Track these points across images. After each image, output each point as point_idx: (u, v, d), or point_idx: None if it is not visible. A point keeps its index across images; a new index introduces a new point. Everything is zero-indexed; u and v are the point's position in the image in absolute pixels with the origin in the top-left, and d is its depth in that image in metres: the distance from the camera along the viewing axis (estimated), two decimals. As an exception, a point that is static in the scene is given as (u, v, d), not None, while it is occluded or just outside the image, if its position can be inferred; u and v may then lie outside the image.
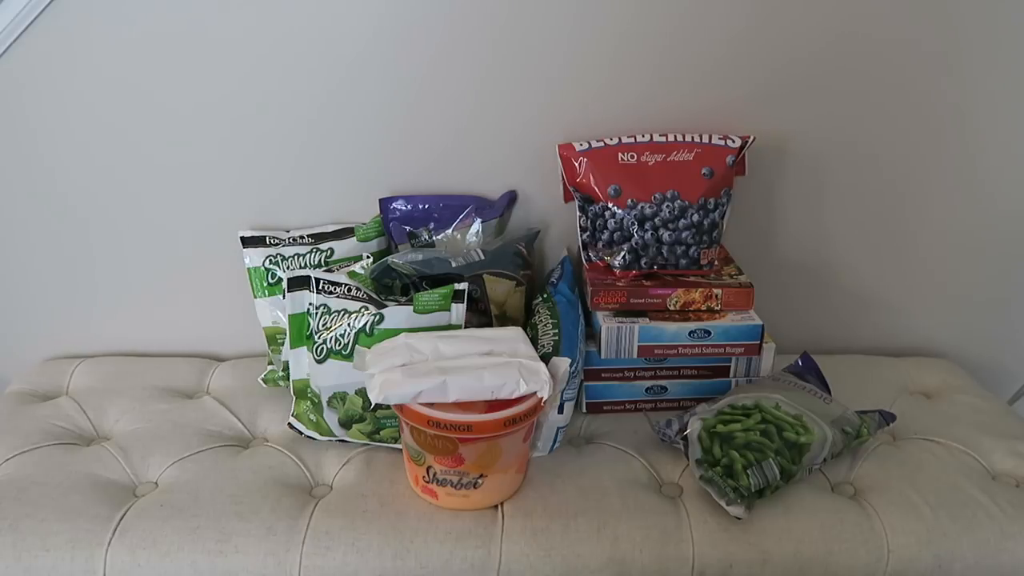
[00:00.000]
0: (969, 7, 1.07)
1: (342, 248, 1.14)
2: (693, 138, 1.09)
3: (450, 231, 1.15)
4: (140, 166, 1.14)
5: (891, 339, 1.30)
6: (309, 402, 1.01)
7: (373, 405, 0.96)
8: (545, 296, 1.07)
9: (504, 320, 1.08)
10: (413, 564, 0.86)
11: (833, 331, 1.29)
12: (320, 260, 1.13)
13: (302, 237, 1.15)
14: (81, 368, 1.20)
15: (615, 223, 1.08)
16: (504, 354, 0.90)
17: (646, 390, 1.08)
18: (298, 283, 1.00)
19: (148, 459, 1.00)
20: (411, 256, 1.06)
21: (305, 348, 1.01)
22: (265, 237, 1.14)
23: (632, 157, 1.08)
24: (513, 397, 0.86)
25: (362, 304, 0.97)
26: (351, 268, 1.06)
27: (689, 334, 1.04)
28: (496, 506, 0.91)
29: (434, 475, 0.89)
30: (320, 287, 0.99)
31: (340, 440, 1.01)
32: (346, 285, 0.99)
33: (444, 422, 0.84)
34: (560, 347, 0.96)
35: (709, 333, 1.04)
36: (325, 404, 0.98)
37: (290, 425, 1.03)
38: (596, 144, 1.09)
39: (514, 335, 0.94)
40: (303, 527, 0.88)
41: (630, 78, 1.11)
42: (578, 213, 1.10)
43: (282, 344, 1.11)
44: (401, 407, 0.86)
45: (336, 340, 0.97)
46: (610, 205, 1.07)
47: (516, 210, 1.20)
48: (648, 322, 1.04)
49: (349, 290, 0.99)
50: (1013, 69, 1.11)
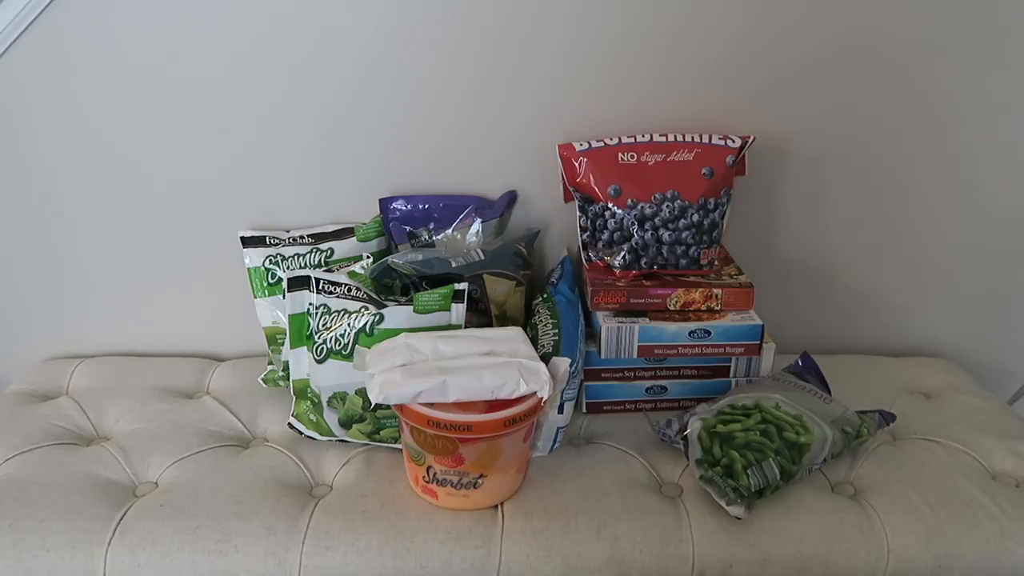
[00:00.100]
0: (970, 5, 1.07)
1: (342, 248, 1.14)
2: (693, 138, 1.09)
3: (450, 231, 1.15)
4: (139, 166, 1.14)
5: (891, 339, 1.30)
6: (309, 402, 1.01)
7: (373, 405, 0.96)
8: (545, 296, 1.07)
9: (504, 320, 1.08)
10: (413, 564, 0.86)
11: (833, 331, 1.29)
12: (320, 260, 1.13)
13: (302, 237, 1.15)
14: (81, 368, 1.20)
15: (615, 223, 1.08)
16: (504, 354, 0.90)
17: (646, 390, 1.08)
18: (298, 283, 1.00)
19: (148, 459, 1.00)
20: (411, 256, 1.06)
21: (305, 348, 1.01)
22: (265, 237, 1.14)
23: (632, 157, 1.08)
24: (513, 397, 0.86)
25: (362, 304, 0.97)
26: (351, 268, 1.06)
27: (689, 334, 1.04)
28: (496, 506, 0.91)
29: (434, 475, 0.89)
30: (320, 287, 0.99)
31: (340, 440, 1.01)
32: (346, 285, 0.99)
33: (444, 422, 0.84)
34: (560, 347, 0.96)
35: (709, 333, 1.04)
36: (325, 404, 0.98)
37: (290, 425, 1.03)
38: (596, 144, 1.09)
39: (514, 335, 0.94)
40: (303, 527, 0.88)
41: (631, 78, 1.11)
42: (578, 213, 1.10)
43: (282, 344, 1.11)
44: (401, 407, 0.86)
45: (336, 340, 0.97)
46: (610, 205, 1.07)
47: (516, 210, 1.20)
48: (648, 322, 1.04)
49: (349, 290, 0.99)
50: (1015, 68, 1.11)
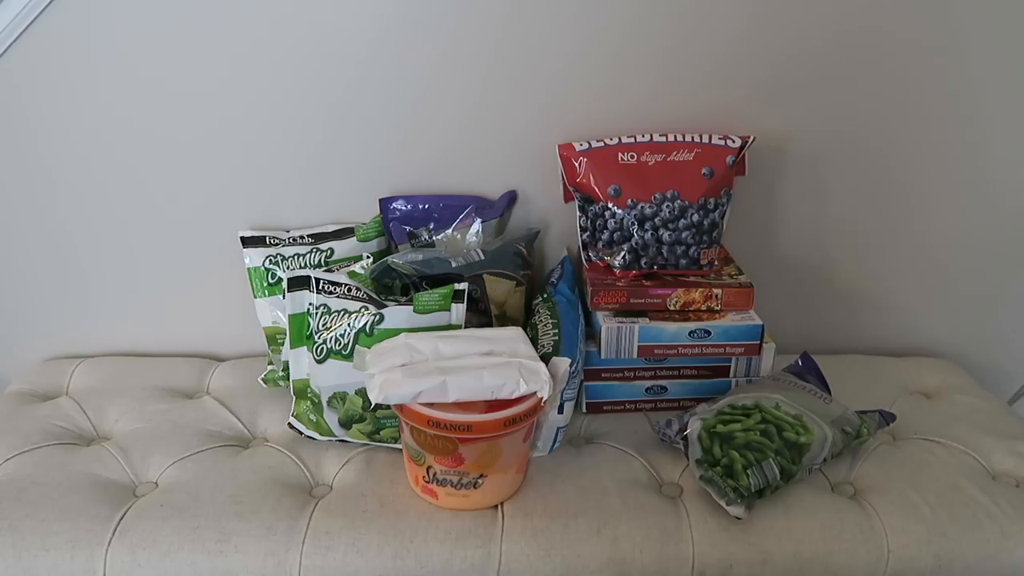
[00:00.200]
0: (971, 2, 1.07)
1: (342, 248, 1.14)
2: (693, 138, 1.09)
3: (450, 231, 1.15)
4: (139, 166, 1.14)
5: (891, 339, 1.30)
6: (309, 402, 1.01)
7: (373, 405, 0.96)
8: (545, 296, 1.07)
9: (504, 320, 1.08)
10: (413, 564, 0.86)
11: (833, 331, 1.29)
12: (320, 260, 1.13)
13: (302, 237, 1.15)
14: (81, 368, 1.20)
15: (615, 223, 1.08)
16: (504, 354, 0.90)
17: (646, 390, 1.08)
18: (298, 283, 1.00)
19: (148, 459, 1.00)
20: (411, 256, 1.06)
21: (305, 348, 1.01)
22: (265, 237, 1.14)
23: (632, 157, 1.08)
24: (513, 397, 0.86)
25: (362, 304, 0.97)
26: (351, 268, 1.06)
27: (689, 334, 1.04)
28: (496, 506, 0.91)
29: (434, 475, 0.89)
30: (320, 287, 0.99)
31: (340, 440, 1.01)
32: (346, 285, 0.99)
33: (444, 422, 0.84)
34: (560, 347, 0.96)
35: (709, 333, 1.04)
36: (325, 404, 0.98)
37: (290, 425, 1.03)
38: (596, 144, 1.09)
39: (514, 335, 0.94)
40: (303, 527, 0.88)
41: (631, 78, 1.11)
42: (578, 213, 1.10)
43: (282, 344, 1.11)
44: (401, 407, 0.86)
45: (336, 340, 0.97)
46: (610, 205, 1.07)
47: (516, 210, 1.20)
48: (648, 322, 1.04)
49: (349, 290, 0.99)
50: (1016, 66, 1.11)
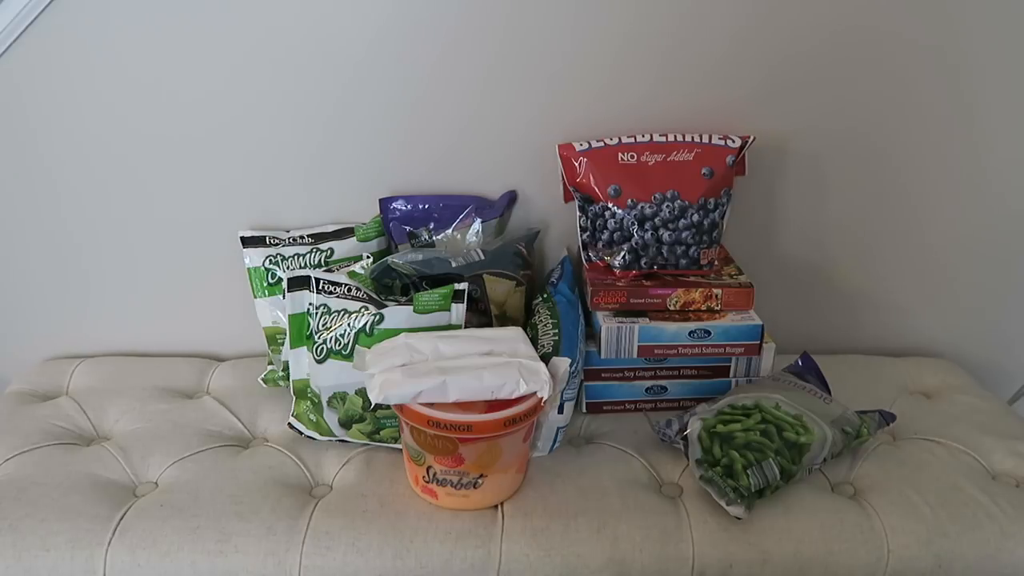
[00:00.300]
0: (972, 3, 1.07)
1: (342, 248, 1.14)
2: (693, 138, 1.09)
3: (450, 231, 1.15)
4: (139, 166, 1.14)
5: (891, 339, 1.30)
6: (309, 402, 1.01)
7: (373, 405, 0.96)
8: (545, 296, 1.07)
9: (504, 320, 1.08)
10: (413, 564, 0.86)
11: (833, 331, 1.29)
12: (320, 260, 1.13)
13: (302, 237, 1.15)
14: (81, 368, 1.20)
15: (615, 223, 1.08)
16: (504, 354, 0.90)
17: (646, 390, 1.08)
18: (298, 283, 1.00)
19: (148, 459, 1.00)
20: (411, 256, 1.06)
21: (305, 348, 1.01)
22: (265, 237, 1.14)
23: (632, 157, 1.08)
24: (513, 397, 0.86)
25: (362, 304, 0.97)
26: (351, 268, 1.06)
27: (689, 334, 1.04)
28: (496, 506, 0.91)
29: (434, 475, 0.89)
30: (320, 287, 0.99)
31: (340, 440, 1.01)
32: (346, 285, 0.99)
33: (444, 422, 0.84)
34: (560, 347, 0.96)
35: (709, 333, 1.04)
36: (325, 404, 0.98)
37: (290, 425, 1.03)
38: (596, 144, 1.09)
39: (514, 335, 0.94)
40: (303, 527, 0.88)
41: (630, 78, 1.11)
42: (578, 213, 1.10)
43: (282, 344, 1.11)
44: (401, 407, 0.86)
45: (336, 340, 0.97)
46: (610, 205, 1.07)
47: (516, 210, 1.20)
48: (648, 322, 1.04)
49: (349, 290, 0.99)
50: (1017, 65, 1.11)
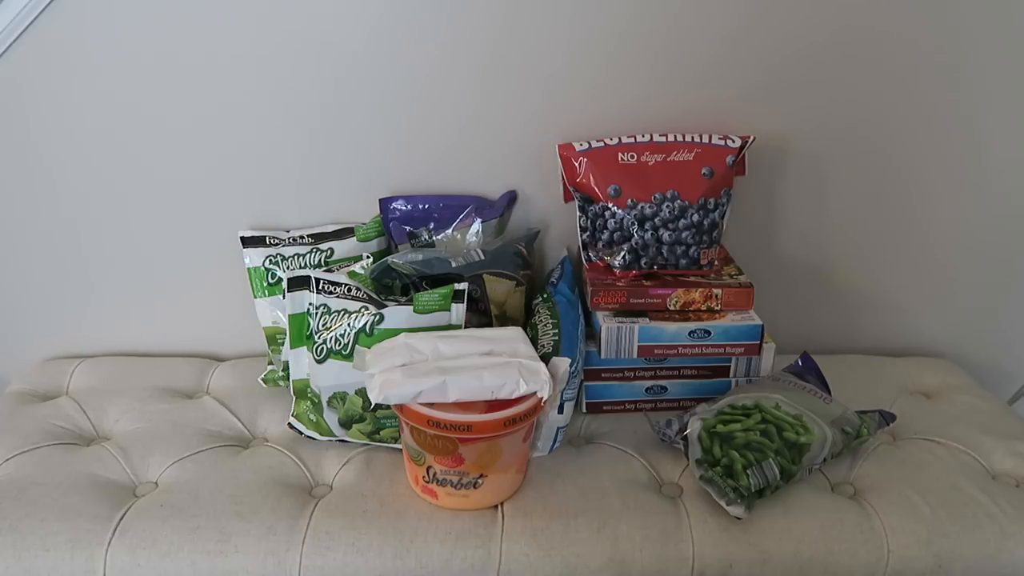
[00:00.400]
0: (972, 2, 1.07)
1: (342, 248, 1.14)
2: (693, 138, 1.09)
3: (450, 231, 1.15)
4: (140, 166, 1.14)
5: (891, 339, 1.30)
6: (309, 402, 1.01)
7: (373, 405, 0.96)
8: (545, 296, 1.07)
9: (504, 320, 1.08)
10: (413, 564, 0.86)
11: (833, 331, 1.29)
12: (320, 260, 1.13)
13: (302, 237, 1.15)
14: (81, 368, 1.20)
15: (615, 223, 1.08)
16: (504, 354, 0.90)
17: (646, 390, 1.08)
18: (298, 283, 1.00)
19: (148, 459, 1.00)
20: (411, 256, 1.06)
21: (305, 348, 1.01)
22: (265, 237, 1.14)
23: (632, 157, 1.08)
24: (513, 397, 0.86)
25: (362, 304, 0.97)
26: (351, 268, 1.06)
27: (689, 334, 1.04)
28: (496, 506, 0.91)
29: (434, 475, 0.89)
30: (320, 287, 0.99)
31: (340, 440, 1.01)
32: (346, 285, 0.99)
33: (444, 422, 0.84)
34: (560, 347, 0.96)
35: (709, 333, 1.04)
36: (325, 404, 0.98)
37: (290, 425, 1.03)
38: (596, 144, 1.09)
39: (514, 335, 0.94)
40: (303, 527, 0.88)
41: (629, 78, 1.11)
42: (578, 213, 1.10)
43: (282, 344, 1.11)
44: (401, 407, 0.86)
45: (336, 340, 0.96)
46: (610, 205, 1.07)
47: (516, 210, 1.20)
48: (648, 322, 1.04)
49: (349, 290, 0.99)
50: (1017, 65, 1.11)
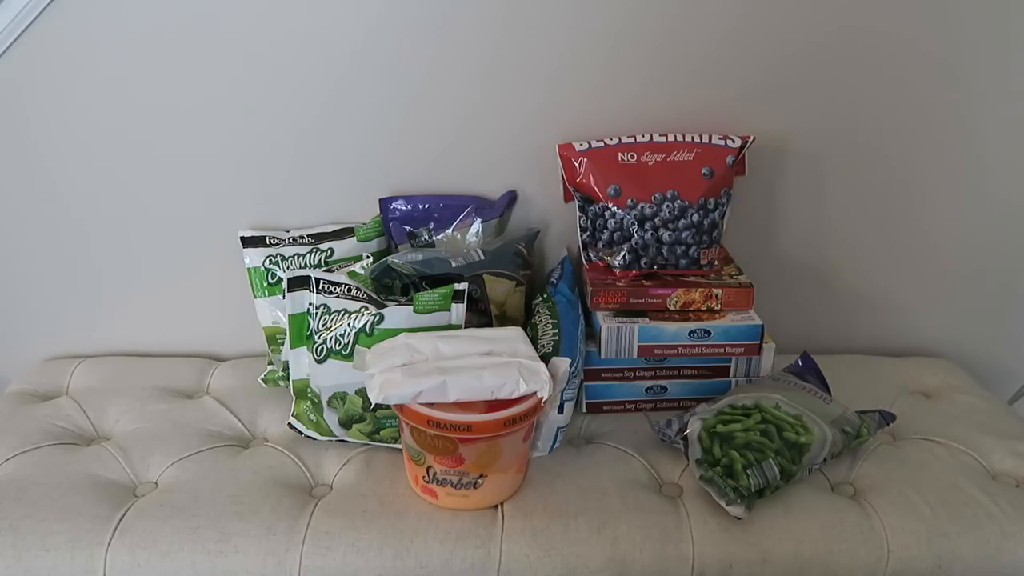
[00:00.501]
0: (971, 2, 1.07)
1: (342, 248, 1.14)
2: (693, 138, 1.09)
3: (450, 231, 1.15)
4: (140, 166, 1.14)
5: (891, 339, 1.30)
6: (309, 402, 1.01)
7: (373, 405, 0.96)
8: (545, 296, 1.07)
9: (504, 320, 1.08)
10: (413, 564, 0.86)
11: (833, 331, 1.29)
12: (320, 260, 1.13)
13: (302, 237, 1.15)
14: (81, 368, 1.20)
15: (615, 223, 1.08)
16: (504, 354, 0.90)
17: (646, 390, 1.08)
18: (298, 283, 1.00)
19: (148, 459, 1.00)
20: (411, 256, 1.06)
21: (305, 348, 1.01)
22: (265, 237, 1.14)
23: (632, 157, 1.08)
24: (513, 397, 0.86)
25: (362, 304, 0.97)
26: (351, 268, 1.06)
27: (689, 334, 1.04)
28: (496, 506, 0.91)
29: (434, 475, 0.89)
30: (320, 287, 0.99)
31: (340, 440, 1.01)
32: (346, 285, 0.99)
33: (444, 422, 0.84)
34: (560, 347, 0.96)
35: (709, 333, 1.04)
36: (325, 404, 0.98)
37: (290, 425, 1.03)
38: (596, 144, 1.09)
39: (514, 335, 0.94)
40: (303, 527, 0.88)
41: (628, 78, 1.11)
42: (578, 213, 1.10)
43: (282, 344, 1.11)
44: (401, 407, 0.86)
45: (336, 340, 0.97)
46: (610, 205, 1.07)
47: (516, 210, 1.20)
48: (648, 322, 1.04)
49: (349, 290, 0.99)
50: (1016, 64, 1.11)
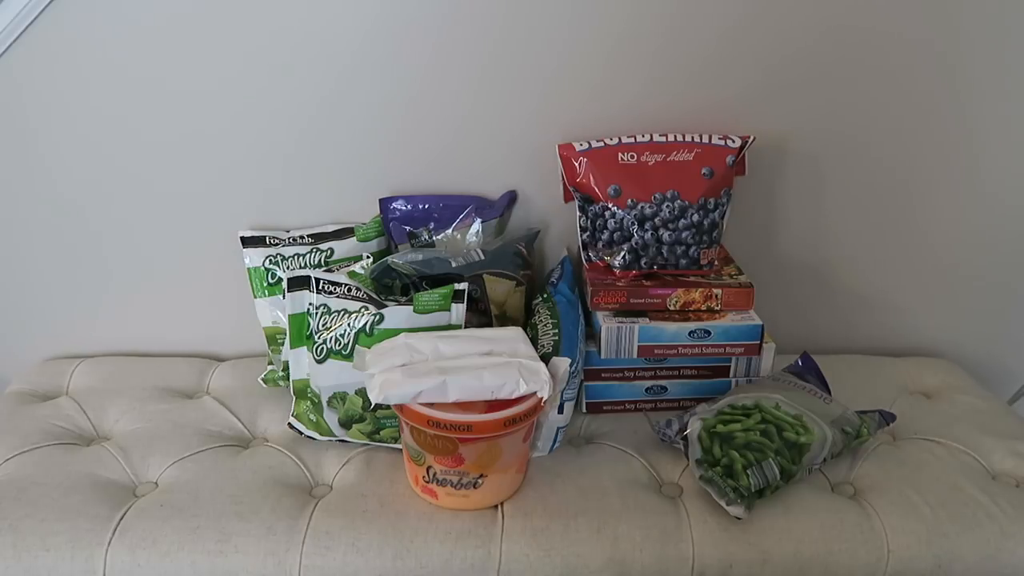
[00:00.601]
0: (971, 1, 1.07)
1: (342, 248, 1.14)
2: (693, 138, 1.09)
3: (450, 231, 1.15)
4: (139, 166, 1.14)
5: (891, 339, 1.30)
6: (309, 402, 1.01)
7: (373, 405, 0.96)
8: (545, 296, 1.07)
9: (504, 320, 1.08)
10: (413, 564, 0.86)
11: (833, 331, 1.29)
12: (320, 260, 1.13)
13: (302, 237, 1.15)
14: (81, 368, 1.20)
15: (615, 223, 1.08)
16: (504, 354, 0.90)
17: (646, 390, 1.08)
18: (298, 283, 1.00)
19: (148, 459, 1.00)
20: (411, 256, 1.06)
21: (305, 348, 1.01)
22: (265, 237, 1.14)
23: (632, 157, 1.08)
24: (513, 397, 0.86)
25: (362, 304, 0.97)
26: (351, 268, 1.06)
27: (689, 334, 1.04)
28: (496, 506, 0.91)
29: (434, 475, 0.89)
30: (320, 287, 0.99)
31: (340, 440, 1.01)
32: (346, 285, 0.99)
33: (444, 422, 0.84)
34: (560, 347, 0.96)
35: (709, 333, 1.04)
36: (325, 404, 0.98)
37: (290, 425, 1.03)
38: (596, 144, 1.09)
39: (514, 335, 0.94)
40: (303, 527, 0.88)
41: (628, 77, 1.11)
42: (578, 213, 1.10)
43: (282, 344, 1.11)
44: (401, 407, 0.86)
45: (336, 340, 0.97)
46: (610, 205, 1.07)
47: (516, 210, 1.20)
48: (648, 322, 1.04)
49: (349, 290, 0.99)
50: (1016, 63, 1.11)
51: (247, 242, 1.13)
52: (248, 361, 1.22)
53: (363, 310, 0.96)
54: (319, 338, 0.98)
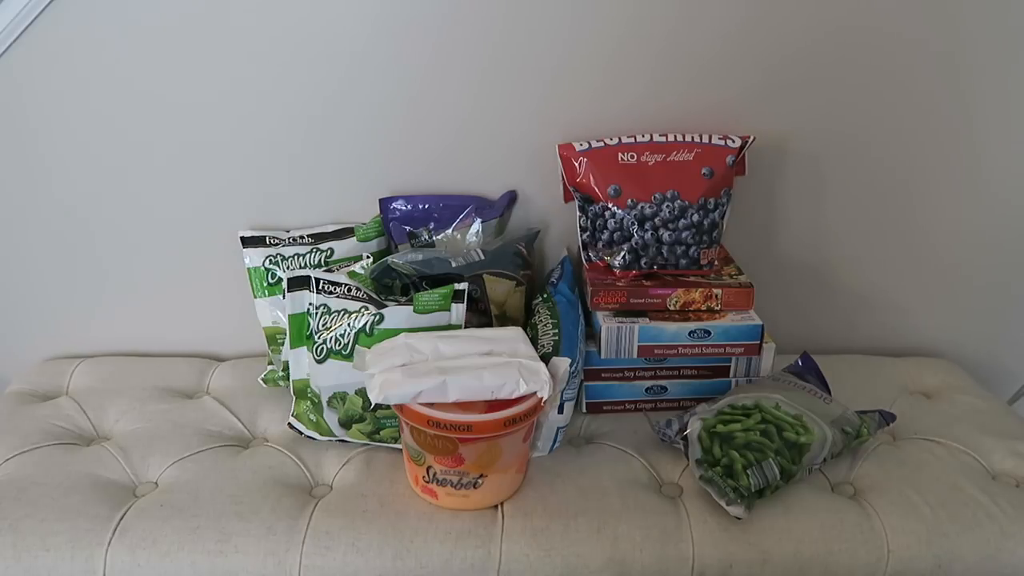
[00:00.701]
0: (972, 1, 1.07)
1: (342, 248, 1.14)
2: (693, 138, 1.09)
3: (450, 231, 1.15)
4: (140, 166, 1.14)
5: (891, 339, 1.30)
6: (309, 402, 1.01)
7: (373, 405, 0.96)
8: (545, 296, 1.07)
9: (504, 320, 1.08)
10: (413, 564, 0.86)
11: (833, 331, 1.29)
12: (320, 260, 1.13)
13: (302, 237, 1.15)
14: (81, 368, 1.20)
15: (615, 223, 1.08)
16: (504, 354, 0.90)
17: (646, 390, 1.08)
18: (298, 283, 1.00)
19: (148, 459, 1.00)
20: (411, 256, 1.06)
21: (305, 348, 1.01)
22: (265, 237, 1.14)
23: (632, 157, 1.08)
24: (513, 397, 0.86)
25: (362, 304, 0.97)
26: (351, 268, 1.06)
27: (689, 334, 1.04)
28: (496, 506, 0.91)
29: (434, 475, 0.89)
30: (320, 287, 0.99)
31: (340, 440, 1.01)
32: (346, 285, 0.99)
33: (444, 422, 0.84)
34: (560, 347, 0.96)
35: (709, 333, 1.04)
36: (325, 404, 0.98)
37: (290, 425, 1.03)
38: (596, 144, 1.09)
39: (514, 335, 0.94)
40: (303, 527, 0.88)
41: (629, 78, 1.11)
42: (578, 213, 1.10)
43: (282, 344, 1.11)
44: (401, 407, 0.86)
45: (336, 340, 0.97)
46: (610, 205, 1.07)
47: (516, 210, 1.20)
48: (648, 322, 1.04)
49: (349, 290, 0.99)
50: (1017, 63, 1.11)
51: (247, 242, 1.13)
52: (248, 361, 1.22)
53: (363, 310, 0.96)
54: (319, 338, 0.98)
